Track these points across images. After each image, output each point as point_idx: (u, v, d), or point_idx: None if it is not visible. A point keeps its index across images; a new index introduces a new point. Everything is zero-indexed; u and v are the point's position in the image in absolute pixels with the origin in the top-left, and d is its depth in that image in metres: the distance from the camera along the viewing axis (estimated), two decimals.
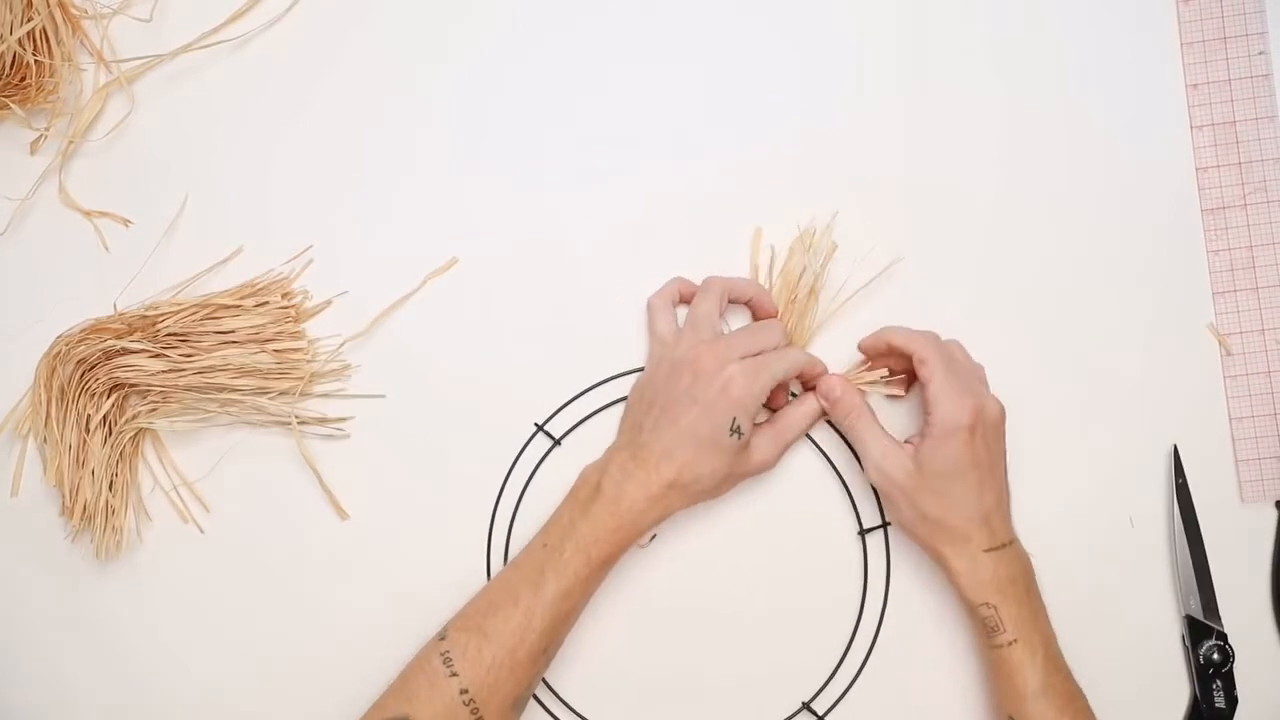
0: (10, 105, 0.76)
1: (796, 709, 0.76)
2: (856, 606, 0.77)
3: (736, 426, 0.70)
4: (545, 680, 0.77)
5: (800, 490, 0.77)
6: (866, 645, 0.76)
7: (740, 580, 0.77)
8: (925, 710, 0.76)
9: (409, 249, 0.78)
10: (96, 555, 0.76)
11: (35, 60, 0.76)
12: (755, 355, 0.72)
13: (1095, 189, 0.77)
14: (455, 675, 0.68)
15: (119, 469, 0.76)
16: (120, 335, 0.76)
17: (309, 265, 0.79)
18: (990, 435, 0.71)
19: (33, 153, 0.79)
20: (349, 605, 0.78)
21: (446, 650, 0.69)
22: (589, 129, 0.78)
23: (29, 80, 0.77)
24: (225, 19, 0.78)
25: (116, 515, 0.76)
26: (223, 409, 0.77)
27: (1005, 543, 0.71)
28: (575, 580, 0.70)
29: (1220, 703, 0.75)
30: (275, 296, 0.77)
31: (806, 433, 0.76)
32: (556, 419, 0.78)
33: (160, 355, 0.76)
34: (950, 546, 0.71)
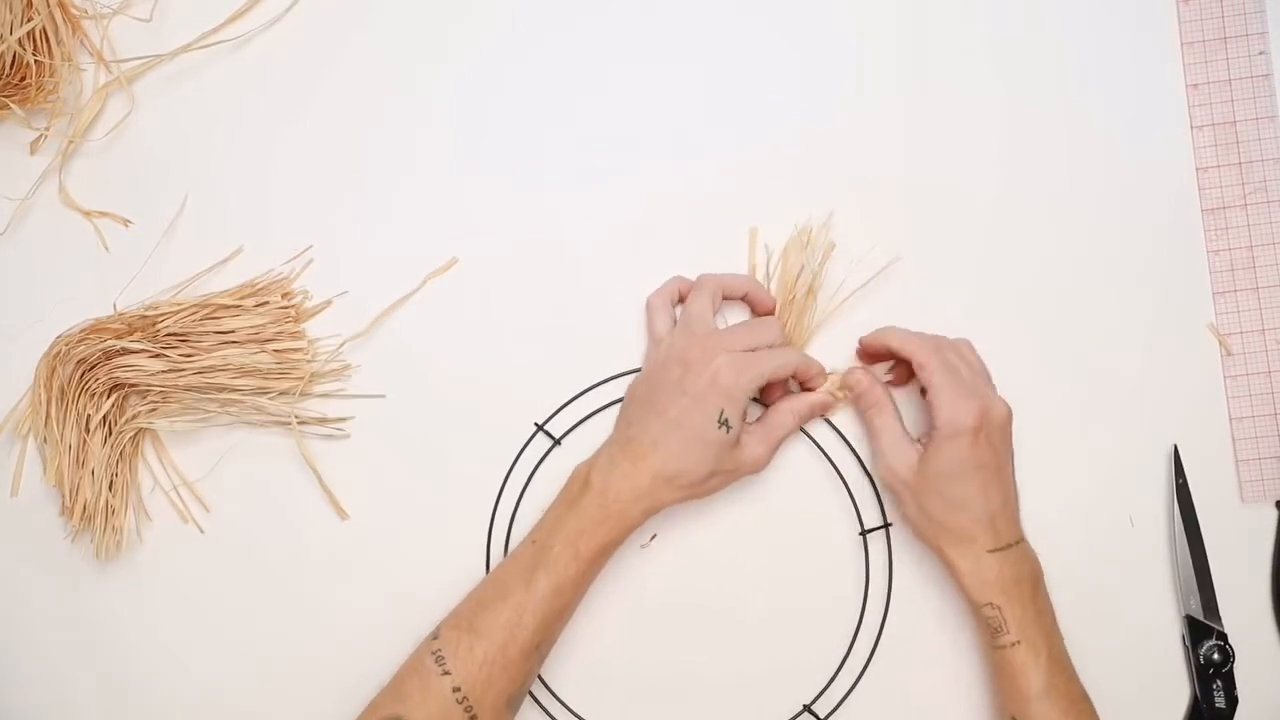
0: (10, 105, 0.76)
1: (798, 711, 0.76)
2: (858, 607, 0.77)
3: (724, 419, 0.70)
4: (543, 680, 0.77)
5: (801, 490, 0.77)
6: (868, 647, 0.76)
7: (741, 580, 0.77)
8: (928, 712, 0.76)
9: (409, 249, 0.78)
10: (96, 555, 0.76)
11: (35, 60, 0.76)
12: (749, 350, 0.72)
13: (1095, 189, 0.77)
14: (448, 674, 0.68)
15: (119, 469, 0.76)
16: (120, 335, 0.76)
17: (309, 265, 0.79)
18: (996, 437, 0.70)
19: (33, 153, 0.79)
20: (349, 605, 0.78)
21: (439, 649, 0.69)
22: (589, 129, 0.78)
23: (29, 80, 0.76)
24: (225, 19, 0.78)
25: (116, 515, 0.76)
26: (223, 409, 0.77)
27: (1010, 543, 0.71)
28: (565, 575, 0.70)
29: (1220, 703, 0.75)
30: (275, 296, 0.77)
31: (797, 430, 0.76)
32: (556, 419, 0.78)
33: (160, 355, 0.76)
34: (954, 546, 0.71)
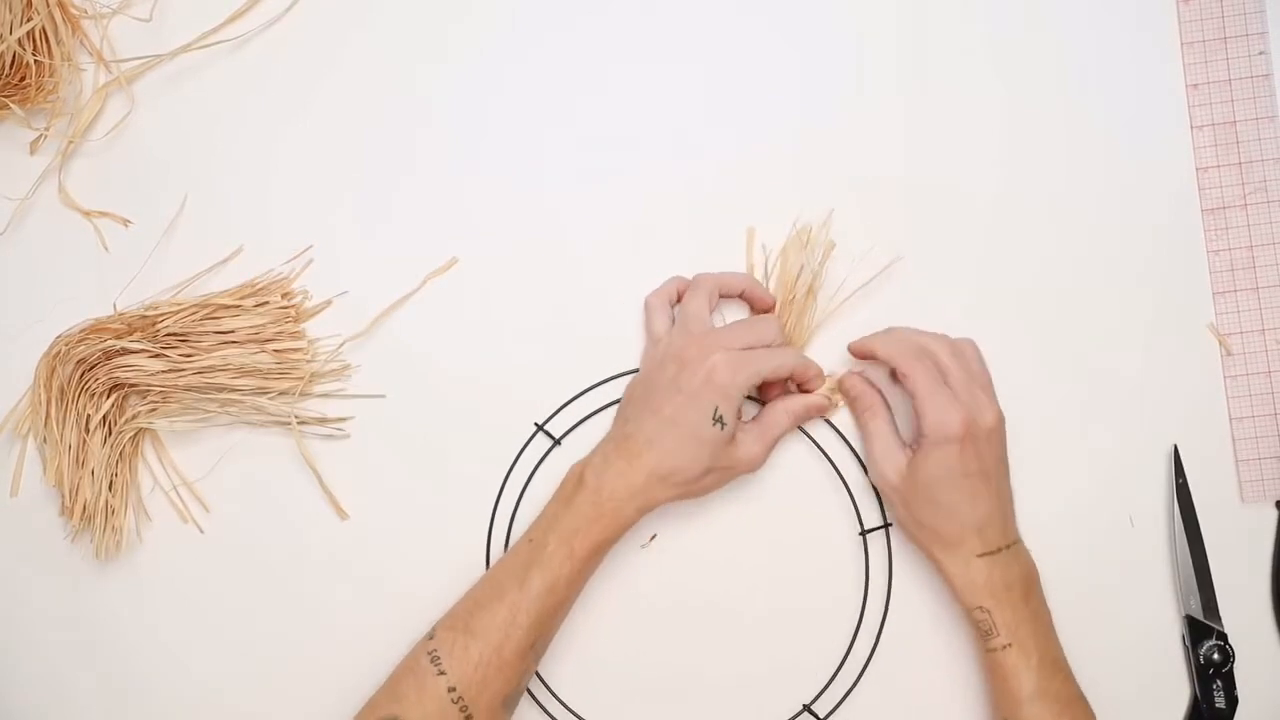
0: (10, 105, 0.76)
1: (797, 711, 0.76)
2: (858, 607, 0.77)
3: (719, 416, 0.70)
4: (543, 680, 0.77)
5: (801, 490, 0.77)
6: (868, 647, 0.76)
7: (740, 580, 0.77)
8: (928, 712, 0.76)
9: (409, 249, 0.78)
10: (96, 555, 0.76)
11: (35, 60, 0.76)
12: (747, 349, 0.72)
13: (1095, 189, 0.77)
14: (443, 674, 0.68)
15: (119, 469, 0.76)
16: (120, 335, 0.76)
17: (309, 265, 0.79)
18: (983, 445, 0.70)
19: (32, 153, 0.79)
20: (349, 605, 0.78)
21: (434, 649, 0.69)
22: (589, 129, 0.78)
23: (29, 80, 0.76)
24: (225, 19, 0.78)
25: (116, 515, 0.76)
26: (223, 409, 0.77)
27: (1001, 547, 0.71)
28: (559, 574, 0.70)
29: (1220, 703, 0.75)
30: (275, 296, 0.77)
31: (792, 430, 0.75)
32: (556, 419, 0.78)
33: (160, 355, 0.76)
34: (944, 551, 0.71)
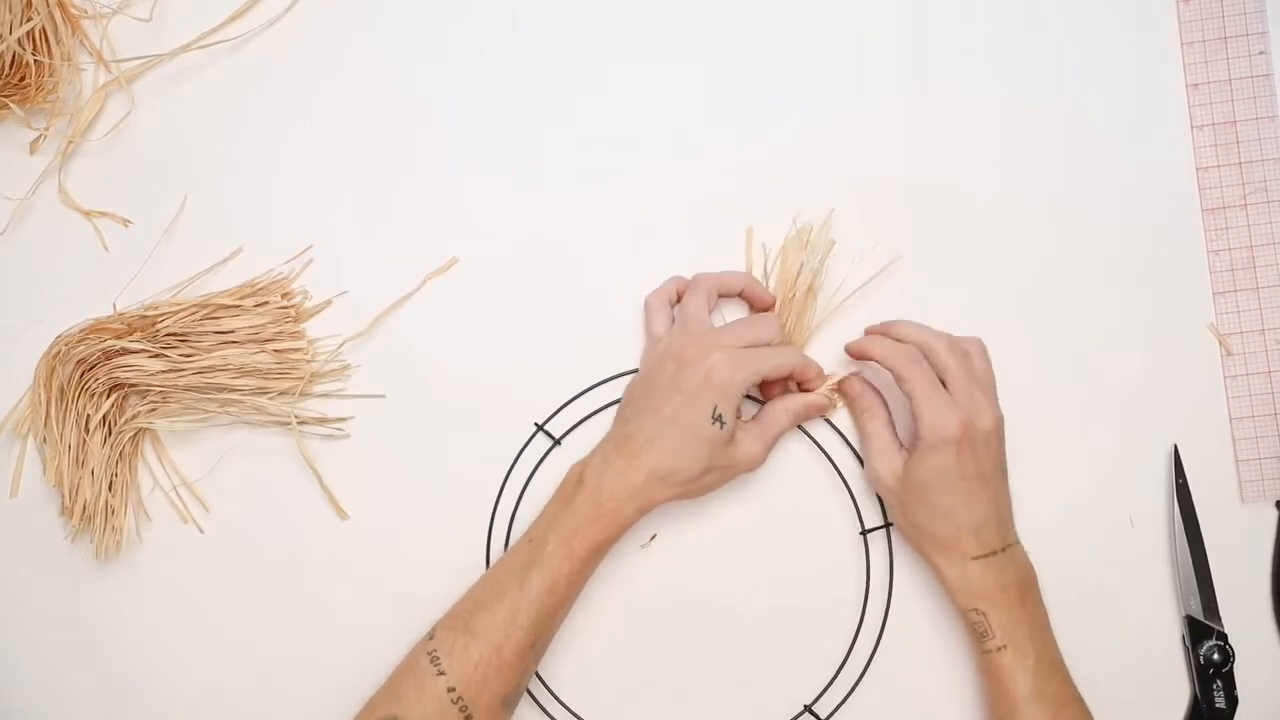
0: (10, 105, 0.76)
1: (799, 711, 0.76)
2: (859, 607, 0.77)
3: (718, 415, 0.70)
4: (542, 680, 0.77)
5: (802, 490, 0.77)
6: (869, 647, 0.76)
7: (741, 580, 0.77)
8: (930, 713, 0.76)
9: (409, 249, 0.78)
10: (96, 555, 0.76)
11: (35, 60, 0.76)
12: (746, 347, 0.72)
13: (1095, 189, 0.77)
14: (443, 674, 0.68)
15: (119, 469, 0.76)
16: (120, 335, 0.76)
17: (309, 265, 0.79)
18: (980, 448, 0.70)
19: (32, 153, 0.79)
20: (349, 605, 0.78)
21: (434, 649, 0.69)
22: (589, 129, 0.78)
23: (29, 80, 0.76)
24: (225, 19, 0.78)
25: (116, 515, 0.76)
26: (222, 409, 0.77)
27: (997, 550, 0.70)
28: (559, 574, 0.70)
29: (1220, 703, 0.75)
30: (275, 296, 0.77)
31: (792, 429, 0.75)
32: (556, 419, 0.78)
33: (160, 355, 0.76)
34: (939, 553, 0.71)
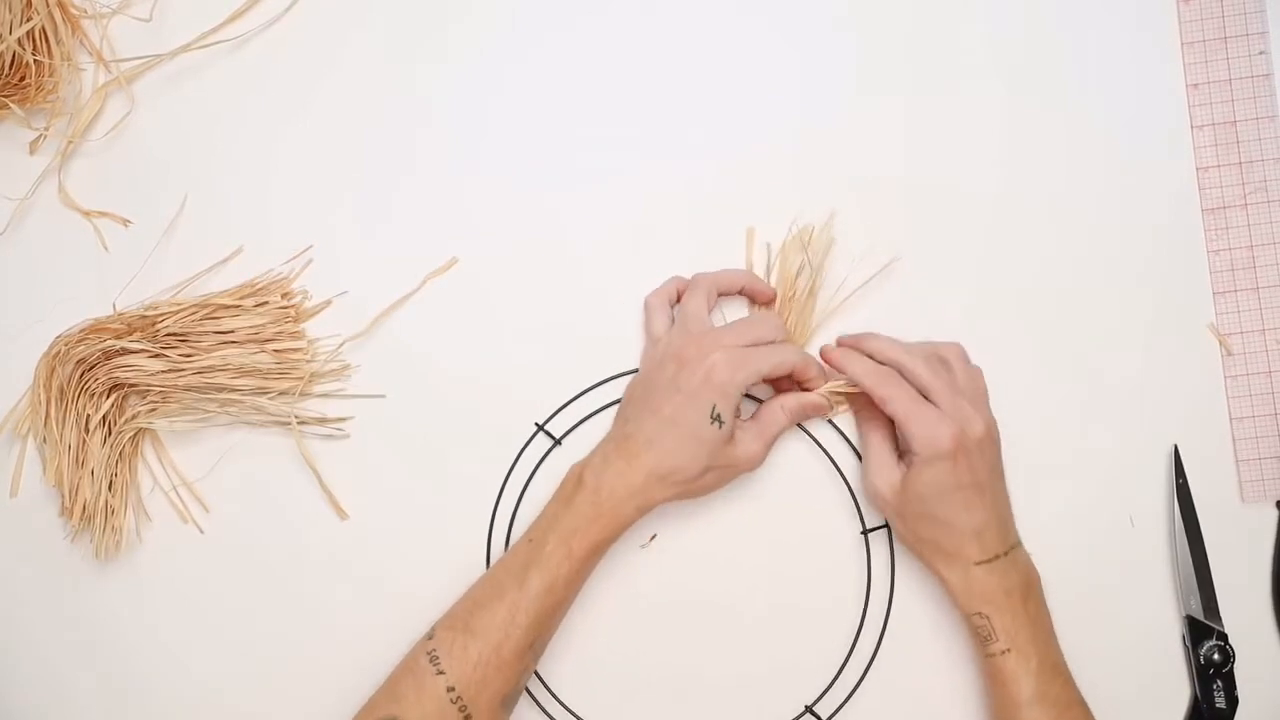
0: (10, 105, 0.76)
1: (800, 712, 0.76)
2: (860, 607, 0.77)
3: (717, 414, 0.70)
4: (542, 679, 0.77)
5: (802, 489, 0.77)
6: (871, 647, 0.76)
7: (741, 580, 0.77)
8: (932, 713, 0.76)
9: (409, 249, 0.78)
10: (96, 555, 0.76)
11: (35, 60, 0.76)
12: (747, 346, 0.72)
13: (1095, 189, 0.77)
14: (442, 673, 0.68)
15: (118, 469, 0.76)
16: (120, 335, 0.76)
17: (309, 265, 0.79)
18: (976, 455, 0.70)
19: (32, 153, 0.79)
20: (349, 605, 0.78)
21: (433, 649, 0.69)
22: (589, 129, 0.78)
23: (29, 80, 0.76)
24: (225, 19, 0.78)
25: (116, 515, 0.76)
26: (222, 409, 0.77)
27: (999, 554, 0.70)
28: (558, 574, 0.70)
29: (1221, 703, 0.75)
30: (275, 296, 0.77)
31: (791, 427, 0.75)
32: (557, 419, 0.78)
33: (160, 355, 0.76)
34: (942, 561, 0.71)
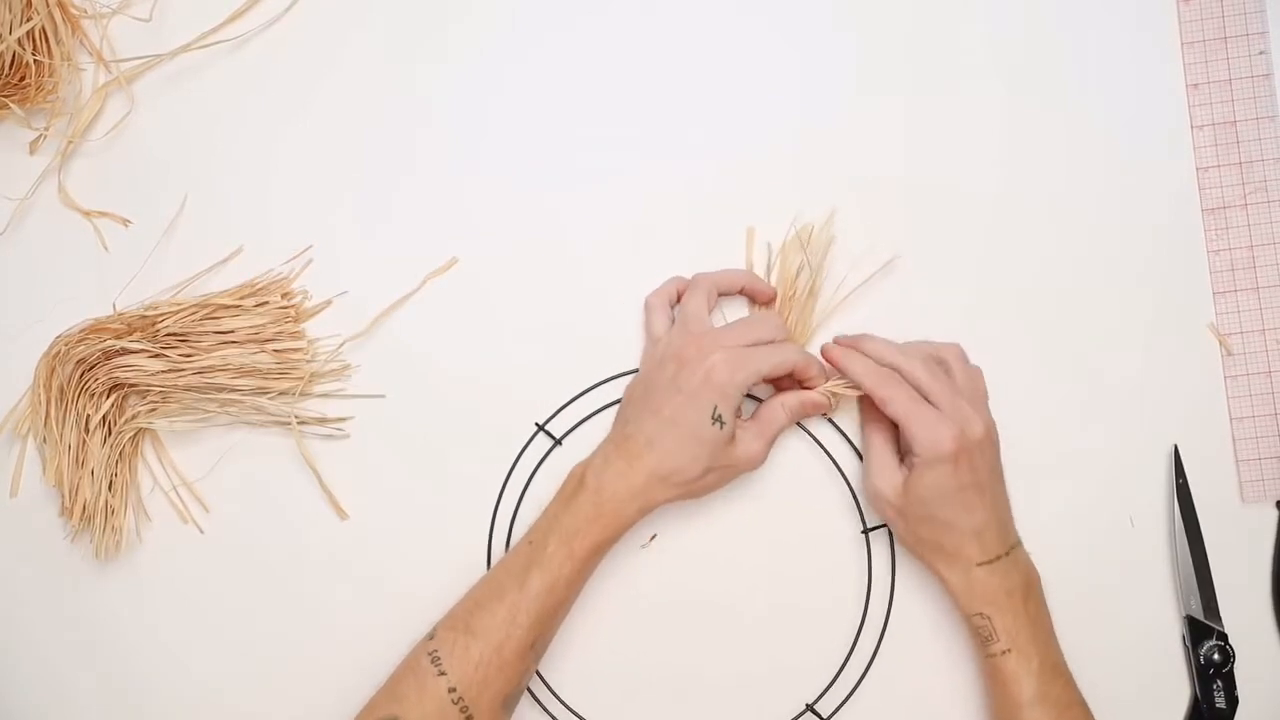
0: (10, 105, 0.76)
1: (800, 710, 0.76)
2: (860, 606, 0.77)
3: (718, 415, 0.70)
4: (543, 679, 0.77)
5: (802, 488, 0.77)
6: (871, 645, 0.76)
7: (742, 579, 0.77)
8: (933, 711, 0.76)
9: (409, 249, 0.78)
10: (96, 555, 0.76)
11: (35, 60, 0.76)
12: (747, 346, 0.72)
13: (1095, 189, 0.77)
14: (443, 674, 0.68)
15: (118, 469, 0.76)
16: (120, 335, 0.76)
17: (309, 265, 0.79)
18: (976, 456, 0.70)
19: (32, 153, 0.79)
20: (349, 605, 0.78)
21: (434, 649, 0.69)
22: (589, 129, 0.78)
23: (28, 80, 0.76)
24: (225, 19, 0.78)
25: (116, 515, 0.76)
26: (222, 409, 0.77)
27: (1000, 554, 0.70)
28: (559, 574, 0.70)
29: (1221, 703, 0.75)
30: (275, 296, 0.77)
31: (791, 425, 0.75)
32: (557, 419, 0.78)
33: (160, 355, 0.76)
34: (943, 563, 0.71)
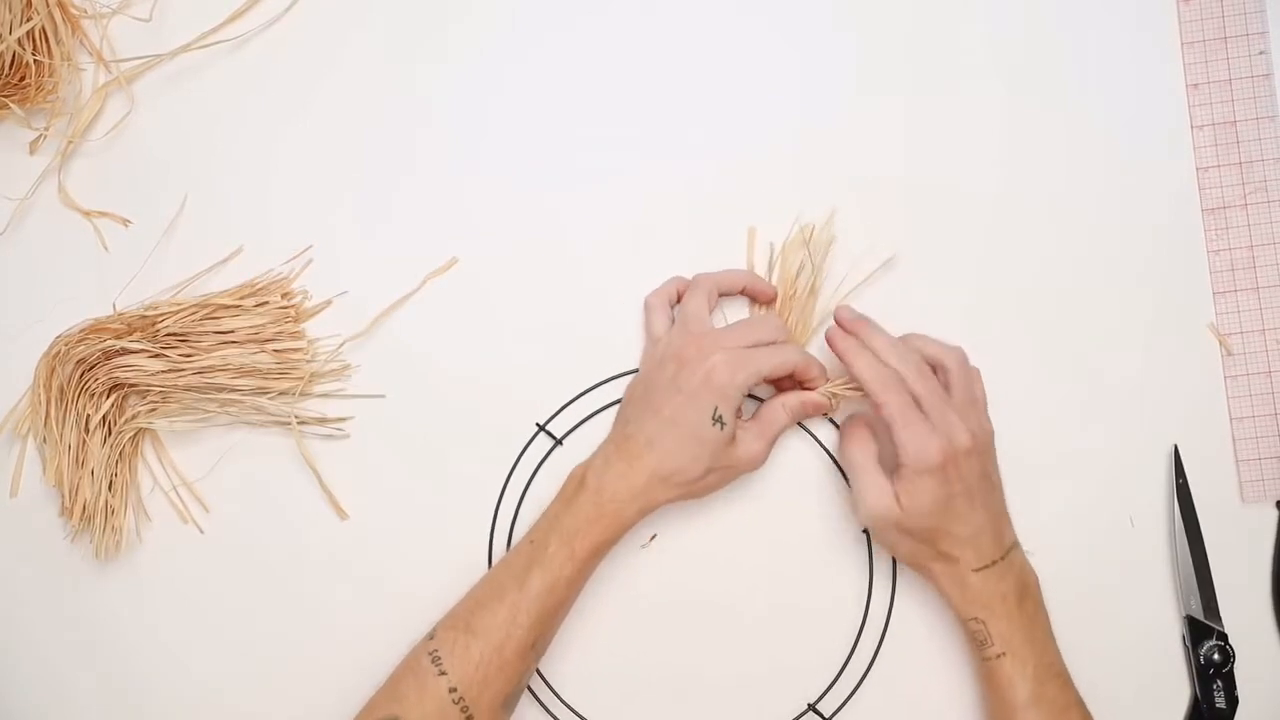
0: (10, 105, 0.76)
1: (802, 710, 0.76)
2: (861, 606, 0.77)
3: (718, 416, 0.70)
4: (545, 679, 0.77)
5: (803, 488, 0.77)
6: (873, 644, 0.76)
7: (743, 578, 0.77)
8: (935, 710, 0.76)
9: (409, 249, 0.78)
10: (96, 555, 0.76)
11: (35, 60, 0.76)
12: (748, 347, 0.72)
13: (1095, 189, 0.77)
14: (444, 674, 0.68)
15: (118, 469, 0.76)
16: (120, 335, 0.76)
17: (309, 265, 0.79)
18: (965, 465, 0.69)
19: (32, 153, 0.79)
20: (349, 605, 0.78)
21: (435, 649, 0.69)
22: (589, 129, 0.78)
23: (29, 80, 0.76)
24: (225, 19, 0.78)
25: (116, 515, 0.76)
26: (222, 409, 0.77)
27: (996, 559, 0.70)
28: (560, 574, 0.70)
29: (1221, 703, 0.75)
30: (275, 296, 0.77)
31: (792, 425, 0.75)
32: (558, 419, 0.78)
33: (160, 355, 0.76)
34: (938, 570, 0.71)
